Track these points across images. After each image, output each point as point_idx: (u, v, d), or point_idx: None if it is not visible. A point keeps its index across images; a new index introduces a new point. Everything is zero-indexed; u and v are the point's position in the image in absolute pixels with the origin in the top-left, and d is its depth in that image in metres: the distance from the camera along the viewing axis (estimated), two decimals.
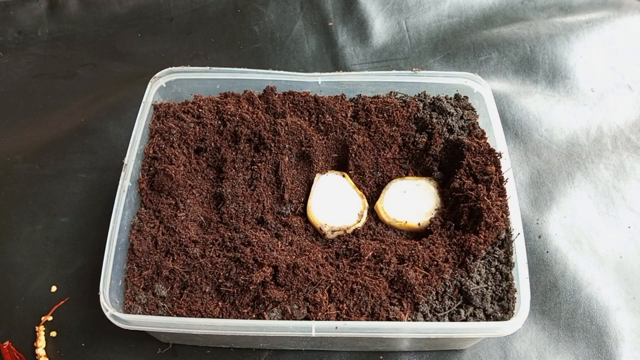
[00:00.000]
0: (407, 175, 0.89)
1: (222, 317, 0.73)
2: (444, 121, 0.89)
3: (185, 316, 0.73)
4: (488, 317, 0.73)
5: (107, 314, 0.71)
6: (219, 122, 0.89)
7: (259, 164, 0.89)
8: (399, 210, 0.84)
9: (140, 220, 0.82)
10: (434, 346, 0.84)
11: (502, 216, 0.76)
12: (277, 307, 0.72)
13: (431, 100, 0.92)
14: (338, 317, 0.71)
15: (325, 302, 0.72)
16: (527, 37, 1.23)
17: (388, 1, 1.31)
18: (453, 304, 0.73)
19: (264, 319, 0.72)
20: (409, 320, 0.71)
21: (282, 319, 0.72)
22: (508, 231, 0.77)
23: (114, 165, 0.97)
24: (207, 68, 0.94)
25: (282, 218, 0.84)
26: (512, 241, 0.76)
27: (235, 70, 0.94)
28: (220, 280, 0.75)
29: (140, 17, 1.34)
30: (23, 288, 0.91)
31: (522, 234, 0.76)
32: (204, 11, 1.34)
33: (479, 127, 0.89)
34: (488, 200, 0.76)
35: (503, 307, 0.73)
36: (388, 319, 0.71)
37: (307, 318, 0.72)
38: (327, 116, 0.90)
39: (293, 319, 0.71)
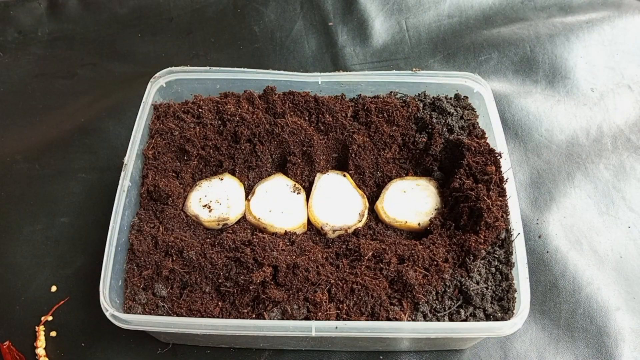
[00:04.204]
0: (407, 175, 0.89)
1: (222, 317, 0.73)
2: (444, 121, 0.89)
3: (185, 316, 0.73)
4: (488, 317, 0.73)
5: (107, 314, 0.71)
6: (219, 122, 0.89)
7: (259, 164, 0.89)
8: (399, 210, 0.84)
9: (140, 220, 0.82)
10: (434, 346, 0.84)
11: (502, 216, 0.76)
12: (277, 307, 0.72)
13: (431, 100, 0.92)
14: (338, 317, 0.71)
15: (325, 302, 0.72)
16: (527, 37, 1.23)
17: (388, 1, 1.31)
18: (453, 304, 0.73)
19: (264, 319, 0.72)
20: (409, 320, 0.71)
21: (282, 319, 0.72)
22: (508, 231, 0.77)
23: (114, 165, 0.97)
24: (207, 68, 0.94)
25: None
26: (512, 241, 0.76)
27: (235, 70, 0.94)
28: (220, 280, 0.75)
29: (140, 17, 1.34)
30: (23, 288, 0.91)
31: (522, 234, 0.76)
32: (204, 11, 1.34)
33: (479, 127, 0.89)
34: (488, 200, 0.76)
35: (503, 307, 0.73)
36: (388, 319, 0.71)
37: (307, 318, 0.72)
38: (327, 116, 0.90)
39: (293, 319, 0.71)
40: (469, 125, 0.89)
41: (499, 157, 0.81)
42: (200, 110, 0.90)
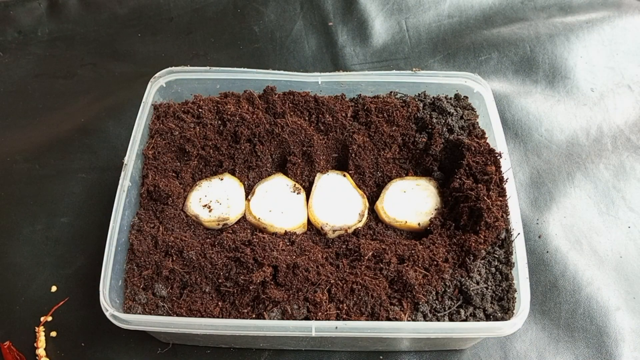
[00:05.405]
0: (407, 175, 0.89)
1: (222, 317, 0.73)
2: (444, 121, 0.89)
3: (185, 316, 0.73)
4: (488, 317, 0.73)
5: (107, 314, 0.71)
6: (219, 122, 0.89)
7: (259, 164, 0.89)
8: (399, 210, 0.84)
9: (140, 220, 0.82)
10: (434, 346, 0.84)
11: (502, 216, 0.76)
12: (277, 307, 0.72)
13: (431, 100, 0.92)
14: (338, 317, 0.71)
15: (325, 302, 0.72)
16: (527, 37, 1.23)
17: (388, 1, 1.31)
18: (453, 304, 0.73)
19: (264, 319, 0.72)
20: (409, 320, 0.71)
21: (282, 319, 0.72)
22: (508, 231, 0.77)
23: (114, 165, 0.97)
24: (207, 68, 0.94)
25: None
26: (512, 241, 0.76)
27: (235, 70, 0.94)
28: (220, 280, 0.75)
29: (140, 17, 1.34)
30: (23, 288, 0.91)
31: (522, 234, 0.76)
32: (204, 11, 1.34)
33: (479, 127, 0.89)
34: (488, 200, 0.76)
35: (503, 307, 0.73)
36: (388, 319, 0.71)
37: (307, 318, 0.72)
38: (327, 116, 0.90)
39: (293, 319, 0.71)
40: (469, 125, 0.89)
41: (499, 157, 0.81)
42: (200, 110, 0.90)
